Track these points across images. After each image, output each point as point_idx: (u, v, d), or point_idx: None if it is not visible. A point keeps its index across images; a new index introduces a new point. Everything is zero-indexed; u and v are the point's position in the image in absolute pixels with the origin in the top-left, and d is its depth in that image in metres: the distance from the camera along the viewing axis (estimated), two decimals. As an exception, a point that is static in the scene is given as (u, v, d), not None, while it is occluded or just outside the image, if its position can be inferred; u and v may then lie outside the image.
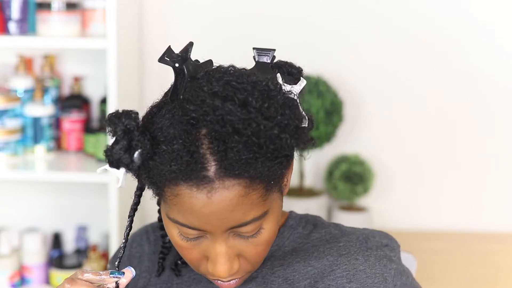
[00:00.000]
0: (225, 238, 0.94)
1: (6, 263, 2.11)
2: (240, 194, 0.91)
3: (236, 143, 0.88)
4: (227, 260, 0.95)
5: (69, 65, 2.25)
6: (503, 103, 2.22)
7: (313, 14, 2.18)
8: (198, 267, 0.99)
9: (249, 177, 0.90)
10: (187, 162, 0.89)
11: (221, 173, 0.89)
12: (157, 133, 0.91)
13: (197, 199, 0.90)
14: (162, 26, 2.21)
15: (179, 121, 0.91)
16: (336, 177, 2.15)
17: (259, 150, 0.89)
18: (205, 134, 0.90)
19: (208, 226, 0.92)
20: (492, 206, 2.25)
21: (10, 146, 2.08)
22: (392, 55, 2.20)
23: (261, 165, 0.90)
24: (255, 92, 0.89)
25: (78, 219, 2.27)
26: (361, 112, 2.22)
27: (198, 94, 0.89)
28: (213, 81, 0.90)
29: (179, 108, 0.91)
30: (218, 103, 0.87)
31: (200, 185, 0.90)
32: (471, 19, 2.18)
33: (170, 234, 0.98)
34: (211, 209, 0.91)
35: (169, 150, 0.90)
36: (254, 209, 0.92)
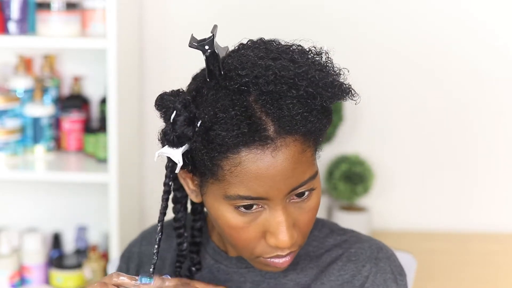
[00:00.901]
0: (284, 205, 0.95)
1: (6, 263, 2.11)
2: (298, 151, 0.94)
3: (290, 99, 0.91)
4: (288, 227, 0.95)
5: (69, 65, 2.25)
6: (503, 103, 2.22)
7: (313, 14, 2.18)
8: (253, 248, 0.98)
9: (304, 132, 0.93)
10: (248, 124, 0.91)
11: (281, 131, 0.92)
12: (208, 109, 0.93)
13: (262, 161, 0.92)
14: (162, 26, 2.21)
15: (225, 94, 0.93)
16: (336, 177, 2.15)
17: (313, 101, 0.92)
18: (254, 99, 0.92)
19: (272, 190, 0.93)
20: (492, 206, 2.25)
21: (10, 146, 2.08)
22: (392, 55, 2.20)
23: (315, 119, 0.93)
24: (296, 51, 0.97)
25: (78, 219, 2.27)
26: (361, 112, 2.22)
27: (247, 60, 0.93)
28: (255, 49, 0.95)
29: (225, 80, 0.94)
30: (270, 62, 0.92)
31: (264, 146, 0.92)
32: (472, 18, 2.18)
33: (223, 219, 0.97)
34: (277, 169, 0.92)
35: (228, 117, 0.91)
36: (310, 167, 0.96)
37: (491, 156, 2.24)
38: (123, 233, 2.02)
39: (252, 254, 0.99)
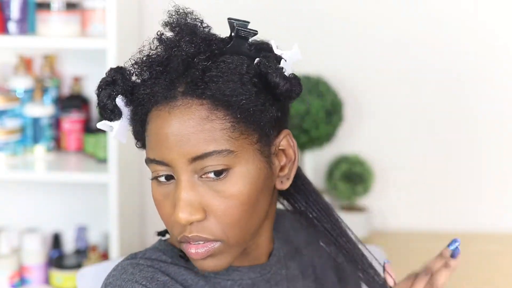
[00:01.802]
0: (189, 179, 0.93)
1: (6, 263, 2.11)
2: (202, 116, 0.92)
3: (204, 63, 0.93)
4: (187, 204, 0.92)
5: (69, 65, 2.25)
6: (503, 103, 2.22)
7: (313, 14, 2.18)
8: (172, 228, 0.96)
9: (211, 98, 0.92)
10: (162, 84, 0.93)
11: (187, 92, 0.92)
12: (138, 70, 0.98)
13: (160, 118, 0.93)
14: (161, 26, 2.21)
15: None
16: (336, 177, 2.15)
17: (226, 70, 0.93)
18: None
19: (170, 154, 0.92)
20: (493, 206, 2.25)
21: (10, 146, 2.07)
22: (392, 55, 2.20)
23: (224, 86, 0.92)
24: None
25: (78, 219, 2.27)
26: (361, 112, 2.22)
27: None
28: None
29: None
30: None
31: (166, 105, 0.93)
32: (472, 18, 2.18)
33: (152, 192, 0.97)
34: (171, 128, 0.92)
35: (150, 77, 0.95)
36: (216, 141, 0.92)
37: (492, 156, 2.24)
38: (123, 233, 2.02)
39: (173, 236, 0.97)
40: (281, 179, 1.00)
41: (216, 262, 0.95)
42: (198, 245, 0.94)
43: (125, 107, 0.98)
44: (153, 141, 0.95)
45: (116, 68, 1.00)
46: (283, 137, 0.99)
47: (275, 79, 0.94)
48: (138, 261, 1.01)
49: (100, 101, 0.98)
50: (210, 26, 1.00)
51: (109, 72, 0.99)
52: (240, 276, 1.02)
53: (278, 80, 0.94)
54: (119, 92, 0.97)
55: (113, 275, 0.99)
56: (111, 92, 0.97)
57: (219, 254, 0.95)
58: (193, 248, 0.94)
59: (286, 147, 1.00)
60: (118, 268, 1.00)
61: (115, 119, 0.98)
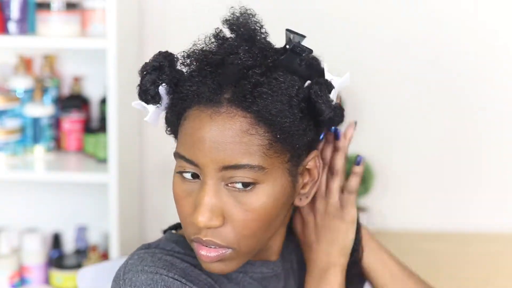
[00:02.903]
0: (215, 185, 0.93)
1: (6, 263, 2.11)
2: (243, 129, 0.91)
3: (257, 77, 0.92)
4: (208, 209, 0.92)
5: (69, 65, 2.25)
6: (503, 103, 2.22)
7: (313, 14, 2.18)
8: (187, 226, 0.96)
9: (256, 113, 0.91)
10: (210, 85, 0.92)
11: (234, 101, 0.92)
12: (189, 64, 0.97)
13: (200, 119, 0.92)
14: (162, 26, 2.21)
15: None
16: (336, 177, 2.15)
17: (277, 89, 0.92)
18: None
19: (202, 156, 0.92)
20: (492, 206, 2.25)
21: (10, 146, 2.08)
22: (392, 55, 2.20)
23: (272, 105, 0.91)
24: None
25: (78, 219, 2.27)
26: (361, 112, 2.22)
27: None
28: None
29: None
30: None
31: (209, 107, 0.92)
32: (472, 18, 2.18)
33: (173, 186, 0.97)
34: (210, 133, 0.91)
35: (199, 75, 0.94)
36: (251, 155, 0.92)
37: (491, 156, 2.23)
38: (123, 233, 2.02)
39: (186, 233, 0.97)
40: (300, 197, 1.02)
41: (223, 267, 0.97)
42: (210, 249, 0.95)
43: (165, 95, 0.98)
44: (187, 139, 0.94)
45: (164, 53, 0.98)
46: (311, 158, 1.01)
47: (322, 107, 0.96)
48: (153, 250, 1.01)
49: (143, 85, 0.98)
50: (267, 33, 1.01)
51: (157, 56, 0.98)
52: (252, 269, 1.04)
53: (324, 109, 0.96)
54: (164, 80, 0.97)
55: (131, 264, 0.99)
56: (156, 78, 0.97)
57: (228, 260, 0.96)
58: (204, 251, 0.95)
59: (312, 167, 1.01)
60: (134, 257, 1.00)
61: (153, 103, 0.98)
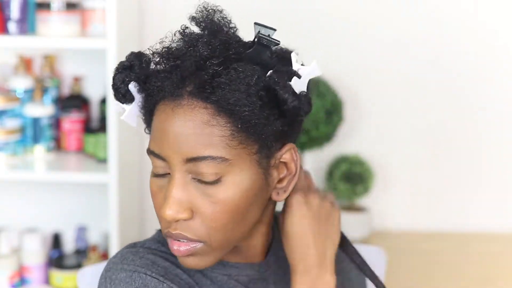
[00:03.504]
0: (183, 178, 0.94)
1: (6, 263, 2.11)
2: (203, 120, 0.92)
3: (215, 67, 0.93)
4: (176, 202, 0.93)
5: (69, 65, 2.25)
6: (503, 103, 2.22)
7: (313, 14, 2.18)
8: (160, 219, 0.97)
9: (216, 104, 0.92)
10: (174, 80, 0.94)
11: (194, 93, 0.93)
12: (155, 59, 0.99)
13: (164, 113, 0.95)
14: (162, 26, 2.21)
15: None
16: (336, 177, 2.15)
17: (235, 78, 0.92)
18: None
19: (167, 149, 0.94)
20: (492, 206, 2.25)
21: (10, 146, 2.07)
22: (392, 55, 2.20)
23: (230, 95, 0.92)
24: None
25: (78, 219, 2.27)
26: (361, 112, 2.22)
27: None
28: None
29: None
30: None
31: (172, 101, 0.94)
32: (472, 18, 2.18)
33: (150, 184, 0.98)
34: (173, 125, 0.93)
35: (164, 71, 0.96)
36: (213, 146, 0.92)
37: (491, 156, 2.24)
38: (123, 233, 2.02)
39: (162, 230, 0.98)
40: (278, 191, 1.00)
41: (197, 262, 0.97)
42: (180, 243, 0.96)
43: (137, 93, 1.00)
44: (155, 134, 0.96)
45: (136, 53, 1.01)
46: (286, 151, 0.99)
47: (284, 95, 0.94)
48: (138, 249, 1.02)
49: (114, 84, 1.00)
50: (236, 28, 1.01)
51: (129, 56, 1.01)
52: (238, 272, 1.03)
53: (287, 97, 0.94)
54: (132, 78, 0.99)
55: (113, 262, 1.00)
56: (125, 77, 0.99)
57: (200, 254, 0.97)
58: (175, 245, 0.96)
59: (288, 161, 1.00)
60: (117, 256, 1.01)
61: (127, 102, 1.00)
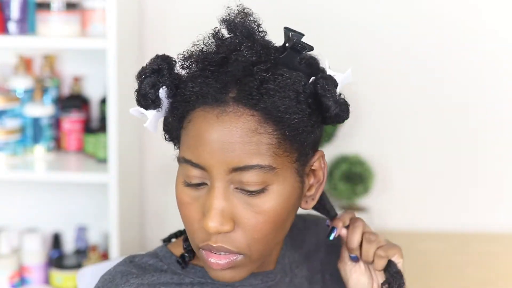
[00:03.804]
0: (225, 188, 0.90)
1: (6, 263, 2.11)
2: (251, 128, 0.89)
3: (262, 73, 0.90)
4: (219, 214, 0.89)
5: (69, 65, 2.25)
6: (503, 103, 2.22)
7: (313, 15, 2.18)
8: (195, 232, 0.93)
9: (264, 111, 0.89)
10: (214, 85, 0.90)
11: (240, 99, 0.89)
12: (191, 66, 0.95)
13: (206, 121, 0.89)
14: (162, 26, 2.21)
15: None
16: (336, 177, 2.15)
17: (284, 85, 0.90)
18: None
19: (210, 159, 0.89)
20: (492, 206, 2.25)
21: (10, 146, 2.08)
22: (392, 55, 2.20)
23: (279, 102, 0.89)
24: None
25: (78, 219, 2.27)
26: (361, 112, 2.22)
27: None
28: None
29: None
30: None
31: (215, 108, 0.89)
32: (472, 18, 2.18)
33: (176, 192, 0.94)
34: (218, 134, 0.88)
35: (202, 75, 0.91)
36: (262, 155, 0.89)
37: (491, 156, 2.24)
38: (123, 233, 2.02)
39: (194, 241, 0.94)
40: (306, 199, 0.99)
41: (233, 274, 0.94)
42: (220, 256, 0.92)
43: (165, 98, 0.95)
44: (193, 142, 0.91)
45: (162, 56, 0.96)
46: (317, 158, 0.98)
47: (329, 102, 0.93)
48: (131, 269, 0.98)
49: (142, 89, 0.94)
50: (265, 32, 0.98)
51: (155, 59, 0.95)
52: (240, 282, 1.00)
53: (331, 104, 0.94)
54: (165, 83, 0.93)
55: (104, 280, 0.98)
56: (156, 81, 0.94)
57: (239, 267, 0.93)
58: (214, 258, 0.92)
59: (317, 168, 0.99)
60: (111, 272, 0.99)
61: (153, 108, 0.95)
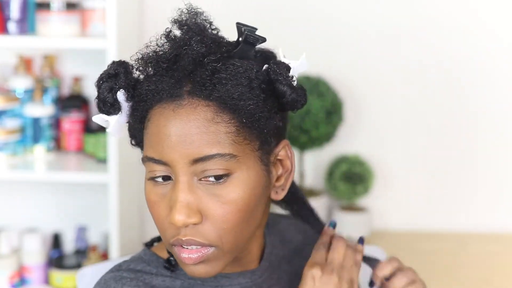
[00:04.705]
0: (189, 181, 0.91)
1: (6, 263, 2.11)
2: (207, 118, 0.90)
3: (213, 63, 0.91)
4: (185, 206, 0.90)
5: (69, 65, 2.25)
6: (503, 103, 2.22)
7: (313, 15, 2.18)
8: (165, 230, 0.93)
9: (219, 100, 0.90)
10: (169, 82, 0.92)
11: (194, 92, 0.91)
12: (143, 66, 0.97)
13: (164, 116, 0.91)
14: (162, 26, 2.21)
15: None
16: (336, 177, 2.15)
17: (235, 73, 0.91)
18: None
19: (171, 153, 0.90)
20: (492, 206, 2.25)
21: (10, 146, 2.07)
22: (392, 55, 2.20)
23: (233, 89, 0.90)
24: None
25: (78, 219, 2.27)
26: (361, 112, 2.22)
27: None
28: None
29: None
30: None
31: (171, 102, 0.91)
32: (472, 18, 2.18)
33: (145, 193, 0.95)
34: (175, 127, 0.90)
35: (156, 74, 0.93)
36: (221, 144, 0.90)
37: (491, 156, 2.24)
38: (123, 233, 2.02)
39: (165, 238, 0.94)
40: (276, 190, 0.99)
41: (207, 268, 0.93)
42: (191, 250, 0.92)
43: (125, 102, 0.96)
44: (153, 139, 0.93)
45: (119, 61, 0.98)
46: (281, 147, 0.98)
47: (283, 87, 0.93)
48: (121, 274, 0.98)
49: (101, 94, 0.96)
50: (218, 29, 0.99)
51: (111, 65, 0.97)
52: (229, 282, 1.00)
53: (286, 89, 0.94)
54: (121, 85, 0.95)
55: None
56: (113, 85, 0.95)
57: (212, 260, 0.93)
58: (185, 253, 0.92)
59: (283, 158, 0.99)
60: (101, 283, 0.98)
61: (114, 113, 0.96)
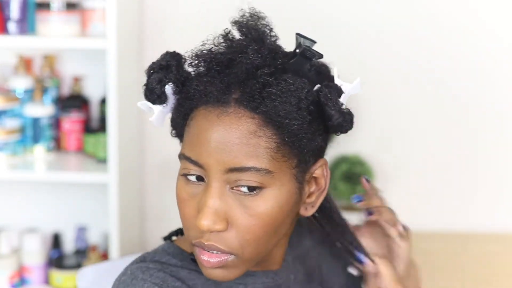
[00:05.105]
0: (220, 187, 0.91)
1: (6, 264, 2.11)
2: (250, 130, 0.90)
3: (266, 77, 0.91)
4: (213, 213, 0.90)
5: (69, 65, 2.25)
6: (504, 103, 2.22)
7: (313, 15, 2.18)
8: (190, 229, 0.94)
9: (264, 114, 0.90)
10: (218, 86, 0.91)
11: (240, 101, 0.90)
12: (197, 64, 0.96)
13: (207, 119, 0.91)
14: (162, 26, 2.21)
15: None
16: (336, 177, 2.15)
17: (286, 90, 0.90)
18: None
19: (208, 158, 0.90)
20: (492, 206, 2.25)
21: (10, 146, 2.08)
22: (392, 55, 2.20)
23: (280, 107, 0.90)
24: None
25: (78, 219, 2.27)
26: (361, 112, 2.22)
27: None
28: None
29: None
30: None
31: (217, 107, 0.91)
32: (472, 18, 2.18)
33: (176, 189, 0.95)
34: (217, 133, 0.90)
35: (208, 75, 0.93)
36: (258, 158, 0.90)
37: (491, 156, 2.23)
38: (123, 233, 2.02)
39: (188, 237, 0.94)
40: (306, 206, 1.00)
41: (225, 274, 0.94)
42: (211, 254, 0.92)
43: (172, 94, 0.96)
44: (193, 140, 0.92)
45: (172, 52, 0.97)
46: (319, 166, 1.00)
47: (331, 111, 0.94)
48: (148, 264, 0.98)
49: (149, 84, 0.96)
50: (277, 36, 1.00)
51: (164, 55, 0.97)
52: (253, 280, 1.01)
53: (334, 113, 0.94)
54: (171, 79, 0.95)
55: (123, 281, 0.97)
56: (163, 77, 0.95)
57: (231, 267, 0.94)
58: (205, 256, 0.93)
59: (319, 176, 1.01)
60: (127, 273, 0.98)
61: (159, 103, 0.96)
